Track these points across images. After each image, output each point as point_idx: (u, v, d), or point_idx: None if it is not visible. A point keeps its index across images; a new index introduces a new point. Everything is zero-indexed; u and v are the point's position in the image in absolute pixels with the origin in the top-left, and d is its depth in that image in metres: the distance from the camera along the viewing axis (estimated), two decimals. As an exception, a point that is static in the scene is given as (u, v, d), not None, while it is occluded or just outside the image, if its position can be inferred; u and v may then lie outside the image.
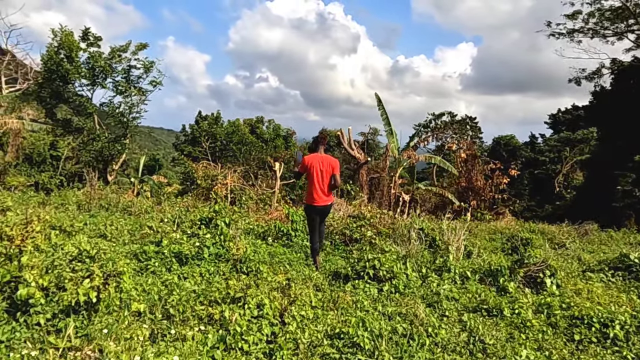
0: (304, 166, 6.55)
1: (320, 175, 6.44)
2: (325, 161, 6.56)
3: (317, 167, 6.45)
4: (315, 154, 6.65)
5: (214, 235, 6.26)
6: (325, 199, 6.50)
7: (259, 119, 46.03)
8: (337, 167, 6.61)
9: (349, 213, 11.24)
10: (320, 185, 6.45)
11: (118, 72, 21.55)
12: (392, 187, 21.94)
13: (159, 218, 9.52)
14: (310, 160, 6.53)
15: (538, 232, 12.33)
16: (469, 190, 27.08)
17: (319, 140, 6.81)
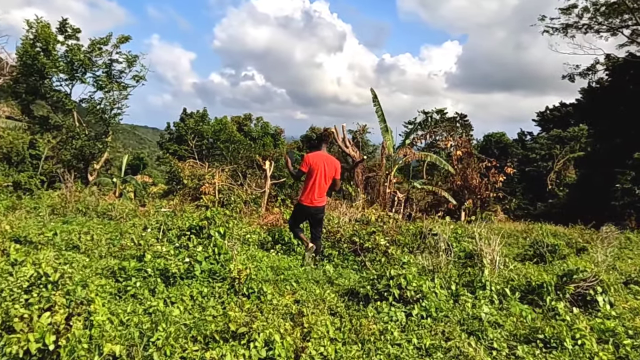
0: (306, 165, 6.15)
1: (323, 176, 6.12)
2: (330, 162, 6.27)
3: (321, 168, 6.12)
4: (320, 153, 6.27)
5: (206, 247, 5.32)
6: (321, 201, 6.23)
7: (246, 117, 44.91)
8: (339, 170, 6.35)
9: (352, 216, 10.38)
10: (322, 187, 6.14)
11: (98, 67, 20.39)
12: (388, 186, 21.13)
13: (142, 224, 8.55)
14: (315, 159, 6.15)
15: (549, 233, 11.59)
16: (465, 188, 26.39)
17: (322, 139, 6.47)
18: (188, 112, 45.51)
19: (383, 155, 20.22)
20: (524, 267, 6.78)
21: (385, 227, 7.22)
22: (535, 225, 12.89)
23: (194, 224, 6.13)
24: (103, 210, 10.40)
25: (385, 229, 7.21)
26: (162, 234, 7.02)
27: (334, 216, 7.97)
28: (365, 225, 9.49)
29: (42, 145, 20.97)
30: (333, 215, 8.10)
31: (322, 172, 6.11)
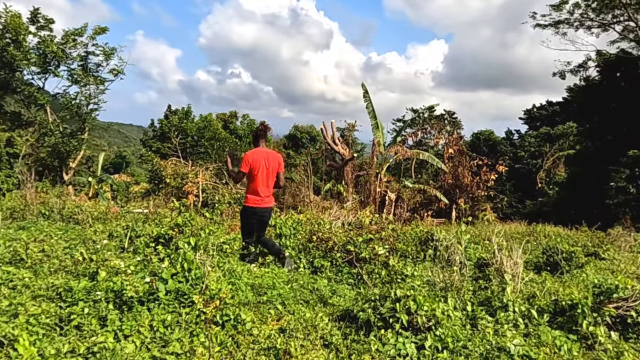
0: (247, 164, 5.71)
1: (266, 173, 5.72)
2: (271, 157, 5.84)
3: (262, 164, 5.71)
4: (259, 149, 5.87)
5: (174, 262, 4.43)
6: (269, 201, 5.82)
7: (232, 114, 43.81)
8: (282, 164, 6.01)
9: (345, 219, 9.54)
10: (266, 185, 5.75)
11: (73, 59, 19.22)
12: (378, 185, 20.36)
13: (110, 229, 7.62)
14: (254, 156, 5.74)
15: (554, 237, 10.90)
16: (456, 187, 25.76)
17: (259, 134, 6.04)
18: (172, 109, 44.22)
19: (374, 153, 19.43)
20: (539, 278, 6.01)
21: (384, 234, 6.37)
22: (537, 227, 12.18)
23: (162, 232, 5.23)
24: (69, 213, 9.40)
25: (383, 236, 6.37)
26: (128, 243, 6.12)
27: (325, 221, 7.11)
28: (359, 230, 8.67)
29: (19, 143, 19.83)
30: (324, 220, 7.25)
31: (264, 168, 5.71)
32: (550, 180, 39.74)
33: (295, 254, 6.01)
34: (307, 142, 47.44)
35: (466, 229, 10.82)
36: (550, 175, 40.28)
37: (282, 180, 5.99)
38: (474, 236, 8.18)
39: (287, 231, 6.12)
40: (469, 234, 7.35)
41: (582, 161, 30.88)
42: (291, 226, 6.29)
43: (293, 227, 6.33)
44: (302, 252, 6.11)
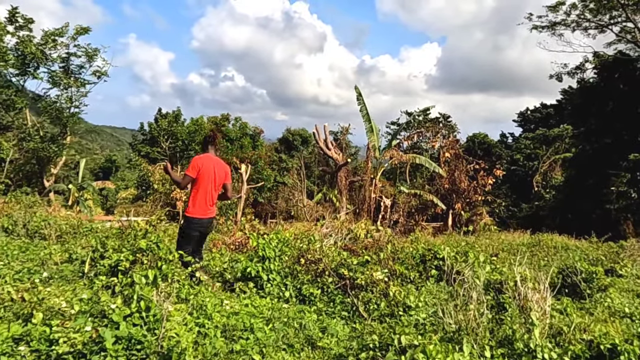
0: (195, 169, 5.28)
1: (214, 182, 5.34)
2: (219, 166, 5.48)
3: (211, 173, 5.32)
4: (208, 155, 5.48)
5: (129, 300, 3.64)
6: (213, 211, 5.46)
7: (224, 117, 42.88)
8: (229, 174, 5.63)
9: (337, 232, 8.78)
10: (212, 195, 5.37)
11: (53, 60, 18.34)
12: (373, 190, 19.63)
13: (73, 249, 6.79)
14: (204, 162, 5.34)
15: (561, 249, 10.20)
16: (453, 192, 25.13)
17: (208, 140, 5.71)
18: (163, 113, 43.26)
19: (369, 157, 18.68)
20: (559, 304, 5.26)
21: (382, 256, 5.60)
22: (542, 237, 11.48)
23: (120, 258, 4.44)
24: (35, 227, 8.56)
25: (382, 258, 5.59)
26: (90, 267, 5.31)
27: (315, 238, 6.33)
28: (354, 244, 7.91)
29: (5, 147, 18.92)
30: (314, 236, 6.47)
31: (213, 177, 5.33)
32: (547, 184, 39.20)
33: (281, 279, 5.22)
34: (300, 145, 46.65)
35: (467, 242, 10.09)
36: (547, 179, 39.75)
37: (229, 191, 5.59)
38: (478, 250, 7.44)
39: (271, 253, 5.33)
40: (473, 251, 6.60)
41: (579, 164, 30.32)
42: (276, 247, 5.50)
43: (279, 248, 5.54)
44: (289, 277, 5.32)
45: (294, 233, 8.87)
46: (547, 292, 3.80)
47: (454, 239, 12.24)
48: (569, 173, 33.49)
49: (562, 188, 33.94)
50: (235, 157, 35.27)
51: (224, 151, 37.88)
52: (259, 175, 37.31)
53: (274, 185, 41.91)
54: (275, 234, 6.50)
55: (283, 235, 6.33)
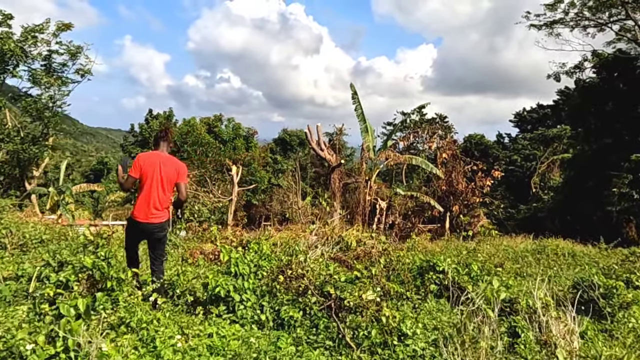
0: (137, 168, 4.79)
1: (160, 182, 4.81)
2: (168, 164, 4.95)
3: (157, 171, 4.82)
4: (155, 152, 5.01)
5: (54, 337, 2.90)
6: (160, 215, 4.88)
7: (217, 117, 42.03)
8: (183, 173, 5.12)
9: (326, 239, 8.07)
10: (159, 196, 4.82)
11: (34, 58, 17.55)
12: (368, 192, 18.92)
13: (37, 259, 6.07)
14: (147, 160, 4.87)
15: (568, 255, 9.52)
16: (450, 194, 24.45)
17: (160, 136, 5.24)
18: (154, 114, 42.45)
19: (363, 158, 17.98)
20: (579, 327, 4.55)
21: (375, 271, 4.88)
22: (546, 242, 10.80)
23: (63, 278, 3.71)
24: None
25: (374, 273, 4.88)
26: (35, 286, 4.57)
27: (300, 249, 5.61)
28: (345, 253, 7.20)
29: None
30: (298, 247, 5.74)
31: (158, 176, 4.81)
32: (545, 185, 38.61)
33: (256, 299, 4.50)
34: (297, 146, 45.87)
35: (468, 248, 9.40)
36: (545, 180, 39.16)
37: (183, 193, 5.08)
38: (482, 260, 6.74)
39: (246, 269, 4.61)
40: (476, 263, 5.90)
41: (579, 165, 29.74)
42: (251, 261, 4.78)
43: (255, 262, 4.82)
44: (267, 296, 4.60)
45: (279, 240, 8.16)
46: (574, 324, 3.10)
47: (453, 245, 11.56)
48: (567, 174, 32.92)
49: (561, 189, 33.36)
50: (228, 159, 34.47)
51: (217, 153, 37.16)
52: (252, 177, 36.52)
53: (268, 187, 41.12)
54: (256, 243, 5.79)
55: (264, 246, 5.62)
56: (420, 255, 6.22)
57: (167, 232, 5.16)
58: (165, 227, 5.06)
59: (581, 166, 28.90)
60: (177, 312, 4.22)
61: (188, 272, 5.56)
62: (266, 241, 8.31)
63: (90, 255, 3.91)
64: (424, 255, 7.97)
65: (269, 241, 8.24)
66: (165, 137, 5.22)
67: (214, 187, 32.65)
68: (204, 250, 7.53)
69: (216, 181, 34.65)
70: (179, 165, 5.05)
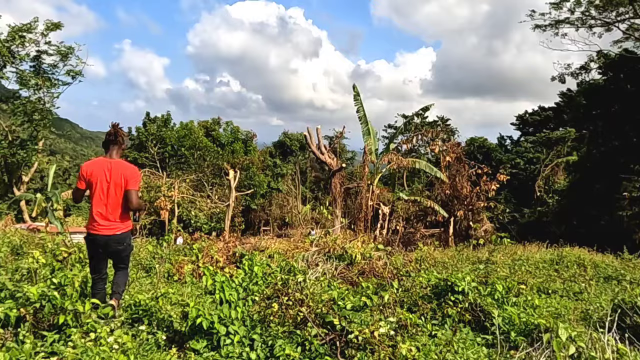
0: (81, 178, 4.47)
1: (106, 190, 4.42)
2: (117, 168, 4.49)
3: (103, 179, 4.44)
4: (100, 159, 4.61)
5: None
6: (111, 227, 4.41)
7: (215, 121, 41.35)
8: (133, 179, 4.55)
9: (327, 249, 7.36)
10: (106, 206, 4.40)
11: (21, 59, 16.86)
12: (370, 197, 18.20)
13: None
14: (93, 168, 4.48)
15: (589, 266, 8.78)
16: (454, 198, 23.71)
17: (109, 140, 4.66)
18: (152, 117, 41.70)
19: (366, 162, 17.24)
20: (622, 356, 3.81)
21: (387, 298, 4.14)
22: (564, 252, 10.04)
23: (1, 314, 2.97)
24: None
25: (386, 302, 4.14)
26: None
27: (298, 266, 4.87)
28: (349, 270, 6.49)
29: None
30: (297, 263, 5.01)
31: (104, 184, 4.41)
32: (549, 188, 37.84)
33: (246, 332, 3.76)
34: (297, 150, 45.07)
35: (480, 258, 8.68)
36: (549, 183, 38.38)
37: (133, 201, 4.44)
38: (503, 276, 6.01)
39: (233, 295, 3.88)
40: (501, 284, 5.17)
41: (585, 168, 29.02)
42: (240, 285, 4.04)
43: (244, 286, 4.08)
44: (258, 327, 3.86)
45: (276, 251, 7.45)
46: None
47: (464, 255, 10.81)
48: (573, 177, 32.20)
49: (566, 193, 32.62)
50: (226, 163, 33.77)
51: (215, 156, 36.47)
52: (251, 182, 35.83)
53: (267, 191, 40.36)
54: (248, 259, 5.06)
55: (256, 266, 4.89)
56: (435, 273, 5.48)
57: (128, 245, 4.61)
58: (123, 240, 4.53)
59: (588, 169, 28.19)
60: (149, 349, 3.49)
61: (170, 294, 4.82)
62: (262, 253, 7.55)
63: (41, 284, 3.17)
64: (435, 268, 7.24)
65: (265, 253, 7.50)
66: (115, 140, 4.64)
67: (212, 192, 31.96)
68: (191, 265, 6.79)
69: (214, 186, 33.98)
70: (127, 170, 4.51)
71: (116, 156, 4.63)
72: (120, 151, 4.70)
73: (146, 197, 24.91)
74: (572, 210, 28.48)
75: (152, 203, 24.11)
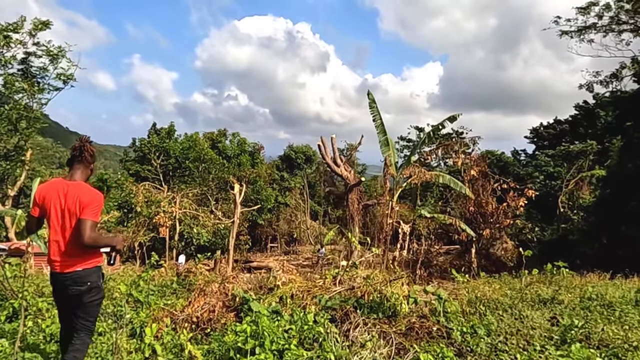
0: (35, 203, 3.49)
1: (58, 217, 3.41)
2: (72, 193, 3.41)
3: (55, 203, 3.41)
4: (56, 180, 3.57)
5: None
6: (68, 262, 3.38)
7: (221, 133, 39.79)
8: (90, 207, 3.38)
9: (357, 290, 5.59)
10: (61, 236, 3.39)
11: (7, 61, 15.33)
12: (390, 215, 16.33)
13: None
14: (46, 191, 3.47)
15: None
16: (479, 215, 21.79)
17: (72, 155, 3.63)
18: (158, 128, 40.17)
19: (387, 176, 15.41)
20: None
21: None
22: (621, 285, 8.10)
23: None
24: None
25: None
26: None
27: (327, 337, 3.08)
28: (390, 323, 4.67)
29: None
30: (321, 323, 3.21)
31: (58, 211, 3.40)
32: (574, 204, 35.68)
33: None
34: (303, 163, 43.35)
35: (542, 296, 6.82)
36: (573, 199, 36.22)
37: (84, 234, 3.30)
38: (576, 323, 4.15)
39: None
40: None
41: (617, 182, 26.92)
42: None
43: None
44: None
45: (288, 292, 5.65)
46: None
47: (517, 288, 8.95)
48: (602, 192, 30.10)
49: (593, 209, 30.42)
50: (232, 176, 32.05)
51: (220, 169, 34.79)
52: (257, 196, 34.05)
53: (274, 205, 38.57)
54: (252, 321, 3.29)
55: (266, 326, 3.10)
56: (495, 321, 3.63)
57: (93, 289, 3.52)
58: (83, 279, 3.49)
59: (620, 184, 26.11)
60: None
61: None
62: (270, 294, 5.82)
63: None
64: (493, 313, 5.43)
65: (274, 294, 5.70)
66: (80, 156, 3.66)
67: (217, 206, 30.17)
68: (174, 312, 4.98)
69: (219, 200, 32.23)
70: (84, 195, 3.47)
71: (79, 177, 3.64)
72: (87, 172, 3.73)
73: (145, 212, 23.21)
74: (603, 229, 26.32)
75: (151, 219, 22.41)
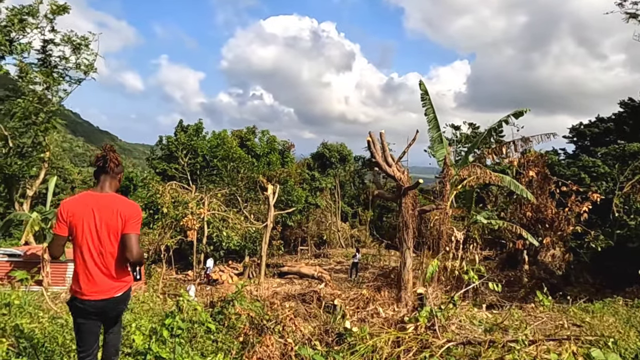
0: (61, 220, 2.93)
1: (94, 236, 2.90)
2: (108, 207, 2.96)
3: (88, 220, 2.93)
4: (87, 194, 3.05)
5: None
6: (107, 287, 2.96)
7: (250, 130, 38.21)
8: (133, 220, 3.00)
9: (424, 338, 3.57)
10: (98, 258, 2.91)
11: (23, 49, 13.95)
12: (443, 221, 14.34)
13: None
14: (75, 207, 2.95)
15: None
16: (538, 222, 19.53)
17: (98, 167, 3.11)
18: (185, 125, 38.84)
19: (447, 178, 13.39)
20: None
21: None
22: None
23: None
24: None
25: None
26: None
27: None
28: None
29: None
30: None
31: (92, 228, 2.90)
32: (630, 209, 32.77)
33: None
34: (337, 162, 41.39)
35: None
36: (630, 203, 33.27)
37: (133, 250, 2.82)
38: None
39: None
40: None
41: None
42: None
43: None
44: None
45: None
46: None
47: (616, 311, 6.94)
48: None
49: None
50: (262, 176, 30.46)
51: (250, 168, 33.23)
52: (288, 197, 32.31)
53: (305, 206, 36.84)
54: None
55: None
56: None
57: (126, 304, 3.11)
58: (125, 301, 3.05)
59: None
60: None
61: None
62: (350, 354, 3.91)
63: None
64: None
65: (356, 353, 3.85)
66: (105, 167, 3.03)
67: (246, 207, 28.60)
68: None
69: (248, 201, 30.68)
70: (124, 207, 2.95)
71: (109, 189, 3.12)
72: (116, 182, 3.20)
73: (172, 213, 21.78)
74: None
75: (178, 221, 20.96)
